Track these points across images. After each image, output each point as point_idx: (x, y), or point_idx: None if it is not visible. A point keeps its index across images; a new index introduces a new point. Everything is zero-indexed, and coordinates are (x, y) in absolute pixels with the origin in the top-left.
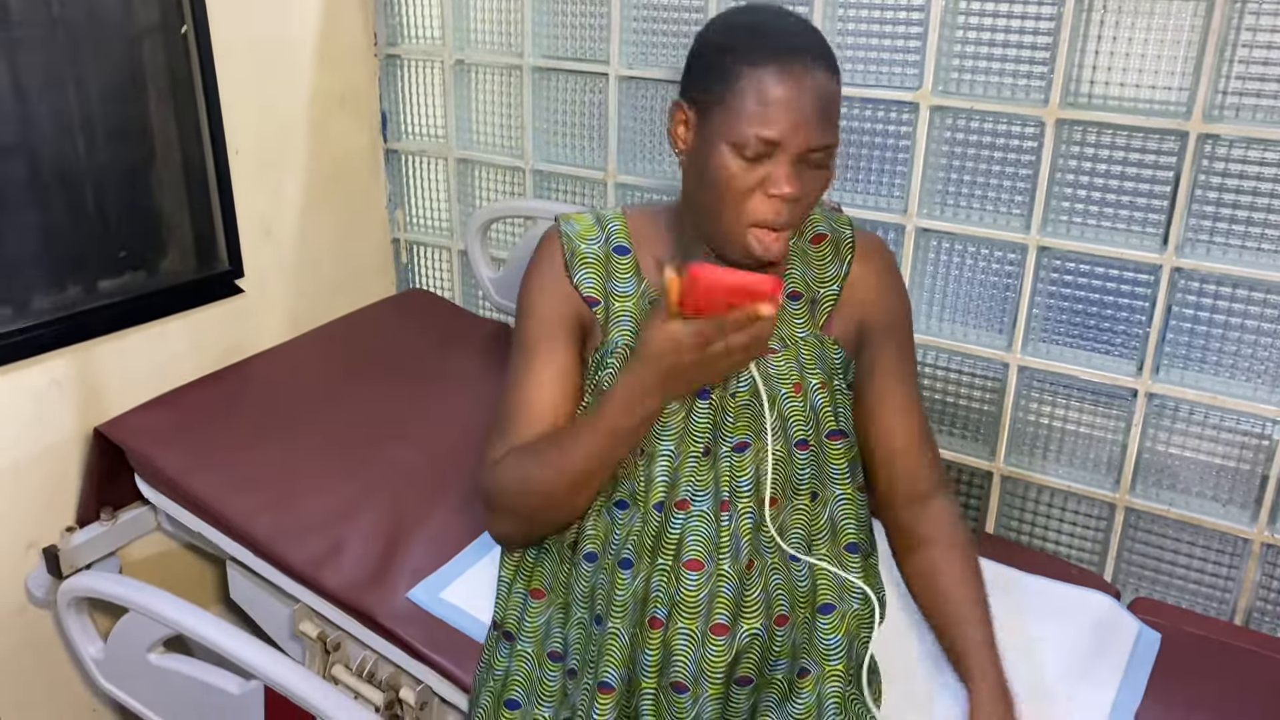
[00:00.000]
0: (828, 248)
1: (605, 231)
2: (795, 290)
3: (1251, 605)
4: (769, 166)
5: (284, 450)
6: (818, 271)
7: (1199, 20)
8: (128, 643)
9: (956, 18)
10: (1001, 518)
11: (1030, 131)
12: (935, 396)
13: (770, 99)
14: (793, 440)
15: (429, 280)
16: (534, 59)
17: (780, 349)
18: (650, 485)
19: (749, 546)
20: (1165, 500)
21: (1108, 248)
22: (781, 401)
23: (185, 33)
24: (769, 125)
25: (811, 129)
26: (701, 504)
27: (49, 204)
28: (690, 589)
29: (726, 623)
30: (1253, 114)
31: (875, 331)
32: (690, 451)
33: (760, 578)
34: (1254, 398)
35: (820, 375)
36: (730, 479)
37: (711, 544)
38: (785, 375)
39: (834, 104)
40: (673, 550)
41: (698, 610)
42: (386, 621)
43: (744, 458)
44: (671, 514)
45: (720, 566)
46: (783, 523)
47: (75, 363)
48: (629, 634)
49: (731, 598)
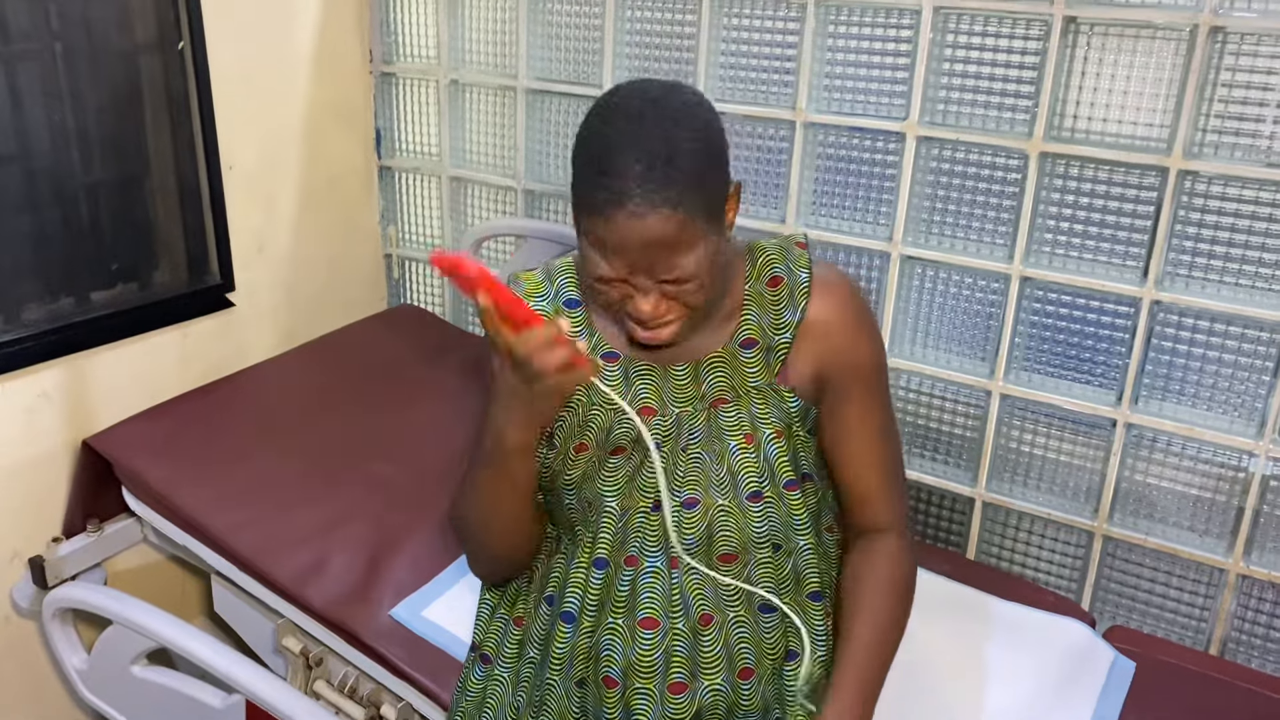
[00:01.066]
0: (783, 291)
1: (555, 286)
2: (750, 337)
3: (1227, 635)
4: (629, 287)
5: (271, 465)
6: (773, 317)
7: (1180, 59)
8: (111, 654)
9: (944, 50)
10: (982, 544)
11: (1014, 164)
12: (919, 422)
13: (601, 245)
14: (744, 493)
15: (420, 296)
16: (528, 81)
17: (732, 399)
18: (595, 541)
19: (705, 602)
20: (1143, 529)
21: (1089, 279)
22: (730, 455)
23: (182, 49)
24: (609, 268)
25: (651, 268)
26: (654, 560)
27: (43, 215)
28: (645, 648)
29: (684, 680)
30: (1231, 152)
31: (836, 377)
32: (639, 506)
33: (720, 633)
34: (1230, 430)
35: (776, 425)
36: (679, 534)
37: (665, 601)
38: (735, 427)
39: (673, 239)
40: (623, 607)
41: (654, 669)
42: (369, 639)
43: (694, 513)
44: (620, 570)
45: (674, 624)
46: (748, 576)
47: (65, 374)
48: (566, 686)
49: (687, 655)
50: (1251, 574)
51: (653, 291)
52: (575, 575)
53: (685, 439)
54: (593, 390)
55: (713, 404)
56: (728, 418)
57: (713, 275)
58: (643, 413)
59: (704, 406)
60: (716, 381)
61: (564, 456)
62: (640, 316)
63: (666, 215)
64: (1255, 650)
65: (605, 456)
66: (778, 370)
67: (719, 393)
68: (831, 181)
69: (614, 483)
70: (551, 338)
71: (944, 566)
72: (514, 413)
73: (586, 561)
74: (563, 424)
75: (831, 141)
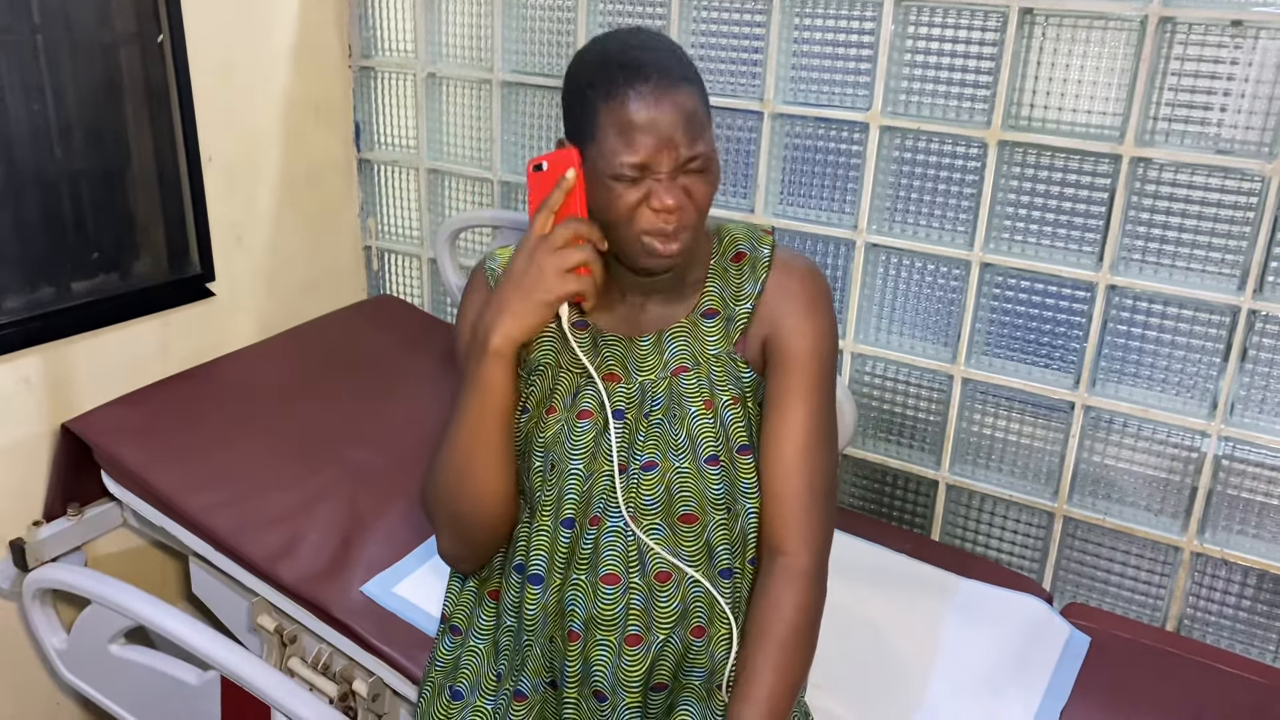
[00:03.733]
0: (746, 265)
1: None
2: (712, 308)
3: (1182, 612)
4: (649, 183)
5: (247, 448)
6: (734, 289)
7: (1131, 49)
8: (90, 634)
9: (905, 42)
10: (946, 525)
11: (974, 152)
12: (884, 407)
13: (629, 128)
14: (702, 457)
15: (399, 287)
16: (504, 74)
17: (692, 366)
18: (560, 502)
19: (660, 561)
20: (1101, 510)
21: (1047, 265)
22: (690, 419)
23: (161, 42)
24: (634, 153)
25: (676, 146)
26: (616, 520)
27: (24, 205)
28: (607, 602)
29: (639, 633)
30: (1181, 139)
31: (780, 355)
32: (604, 470)
33: (678, 589)
34: (1184, 411)
35: (732, 391)
36: (637, 495)
37: (624, 558)
38: (695, 393)
39: (695, 116)
40: (586, 564)
41: (615, 622)
42: (340, 615)
43: (651, 475)
44: (585, 529)
45: (631, 579)
46: (707, 539)
47: (46, 361)
48: (541, 646)
49: (642, 608)
50: (1205, 551)
51: (673, 186)
52: (539, 538)
53: (648, 406)
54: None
55: (674, 372)
56: (689, 384)
57: (714, 185)
58: (608, 379)
59: (666, 375)
60: (678, 350)
61: (536, 419)
62: (665, 206)
63: (688, 91)
64: (1210, 627)
65: (574, 420)
66: (736, 340)
67: (680, 360)
68: (799, 171)
69: (580, 446)
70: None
71: (907, 546)
72: (504, 314)
73: (552, 523)
74: (534, 390)
75: (799, 132)
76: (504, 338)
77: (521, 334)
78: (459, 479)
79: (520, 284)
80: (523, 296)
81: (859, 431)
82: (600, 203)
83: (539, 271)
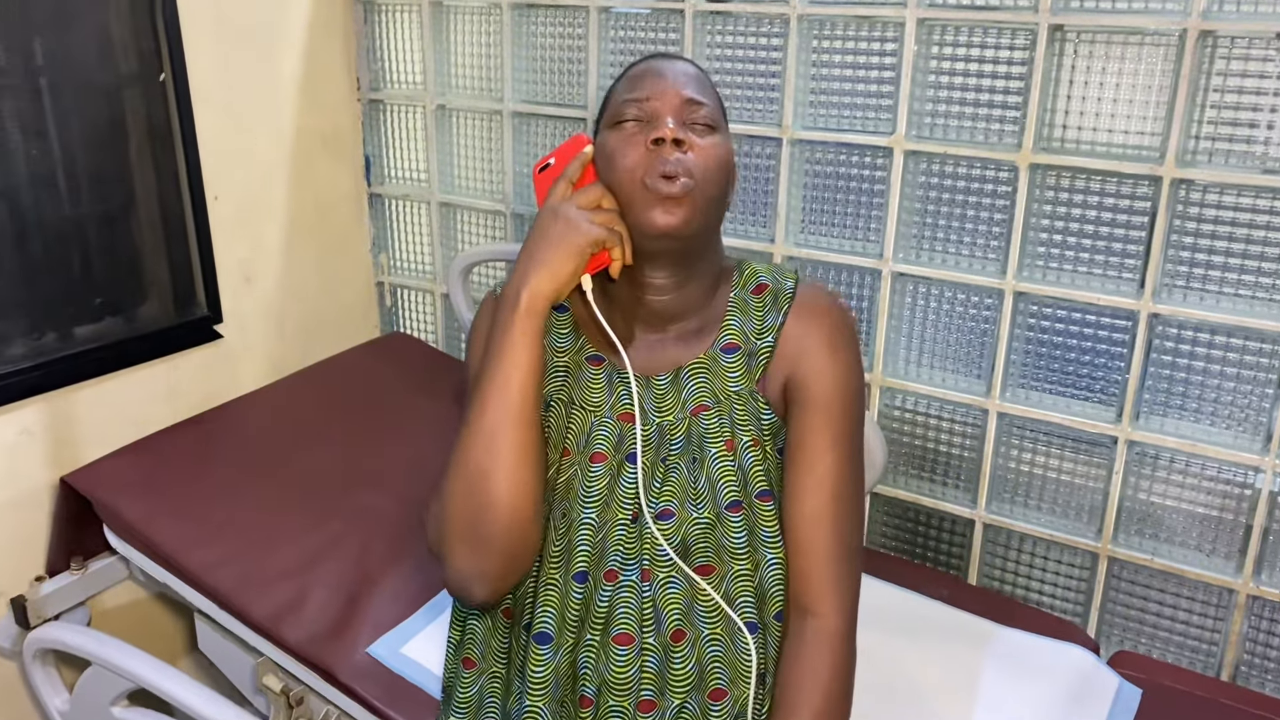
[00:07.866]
0: (768, 297)
1: None
2: (732, 342)
3: (1239, 659)
4: (653, 129)
5: (253, 498)
6: (756, 323)
7: (1170, 65)
8: (92, 695)
9: (929, 62)
10: (984, 566)
11: (1004, 176)
12: (915, 443)
13: (635, 77)
14: (724, 502)
15: (413, 323)
16: (514, 104)
17: (712, 405)
18: (570, 554)
19: (679, 617)
20: (1148, 550)
21: (1084, 293)
22: (710, 462)
23: (163, 81)
24: (636, 91)
25: (678, 89)
26: (630, 574)
27: (26, 250)
28: (620, 665)
29: (653, 698)
30: (1225, 159)
31: (802, 397)
32: (618, 519)
33: (693, 650)
34: (1235, 445)
35: (753, 433)
36: (652, 547)
37: (638, 616)
38: (716, 433)
39: (701, 79)
40: (601, 624)
41: (628, 687)
42: (345, 677)
43: (667, 525)
44: (600, 585)
45: (645, 640)
46: (726, 591)
47: (49, 410)
48: (551, 711)
49: (656, 671)
50: (1263, 594)
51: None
52: (548, 594)
53: (665, 449)
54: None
55: (693, 411)
56: (708, 424)
57: (721, 159)
58: (623, 419)
59: (684, 415)
60: (697, 388)
61: (554, 466)
62: (663, 134)
63: (700, 74)
64: (1269, 675)
65: (586, 463)
66: (758, 377)
67: (699, 399)
68: (820, 199)
69: (593, 494)
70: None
71: (943, 591)
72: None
73: (563, 577)
74: (549, 428)
75: (819, 158)
76: (534, 293)
77: (553, 288)
78: (480, 468)
79: (547, 234)
80: (551, 244)
81: (889, 468)
82: (606, 161)
83: (567, 221)
